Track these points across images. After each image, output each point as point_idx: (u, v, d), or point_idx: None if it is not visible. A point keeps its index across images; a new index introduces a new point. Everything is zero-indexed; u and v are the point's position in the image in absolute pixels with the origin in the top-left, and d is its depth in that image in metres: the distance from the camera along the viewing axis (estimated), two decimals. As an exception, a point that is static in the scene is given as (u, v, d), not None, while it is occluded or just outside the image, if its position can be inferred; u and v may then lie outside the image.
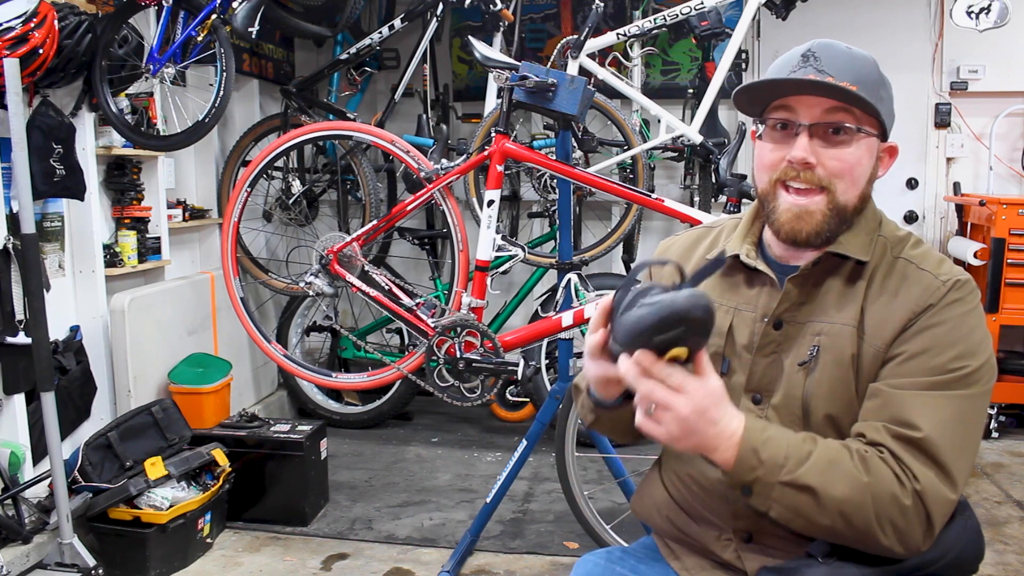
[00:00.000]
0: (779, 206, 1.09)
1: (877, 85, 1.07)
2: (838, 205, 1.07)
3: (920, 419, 0.98)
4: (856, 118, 1.06)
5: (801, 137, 1.06)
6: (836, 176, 1.07)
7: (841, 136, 1.06)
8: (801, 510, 0.97)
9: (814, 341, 1.08)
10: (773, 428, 1.00)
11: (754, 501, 0.99)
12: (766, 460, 0.96)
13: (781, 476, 0.96)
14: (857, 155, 1.07)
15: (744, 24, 3.02)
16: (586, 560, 1.26)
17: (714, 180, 3.53)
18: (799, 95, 1.07)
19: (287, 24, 3.43)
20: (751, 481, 0.97)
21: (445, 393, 2.47)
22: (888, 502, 0.95)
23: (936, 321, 1.03)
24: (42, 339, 2.27)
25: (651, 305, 0.86)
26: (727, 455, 0.97)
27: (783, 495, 0.97)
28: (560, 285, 2.53)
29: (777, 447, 0.97)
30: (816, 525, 0.98)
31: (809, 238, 1.08)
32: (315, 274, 2.64)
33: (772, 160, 1.10)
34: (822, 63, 1.05)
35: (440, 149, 2.68)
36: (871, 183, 1.12)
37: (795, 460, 0.97)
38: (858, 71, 1.06)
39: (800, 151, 1.06)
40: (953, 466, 0.97)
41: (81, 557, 2.27)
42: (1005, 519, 2.74)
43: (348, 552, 2.60)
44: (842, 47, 1.08)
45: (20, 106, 2.19)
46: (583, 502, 2.46)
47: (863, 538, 0.97)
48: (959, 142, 3.92)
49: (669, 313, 0.85)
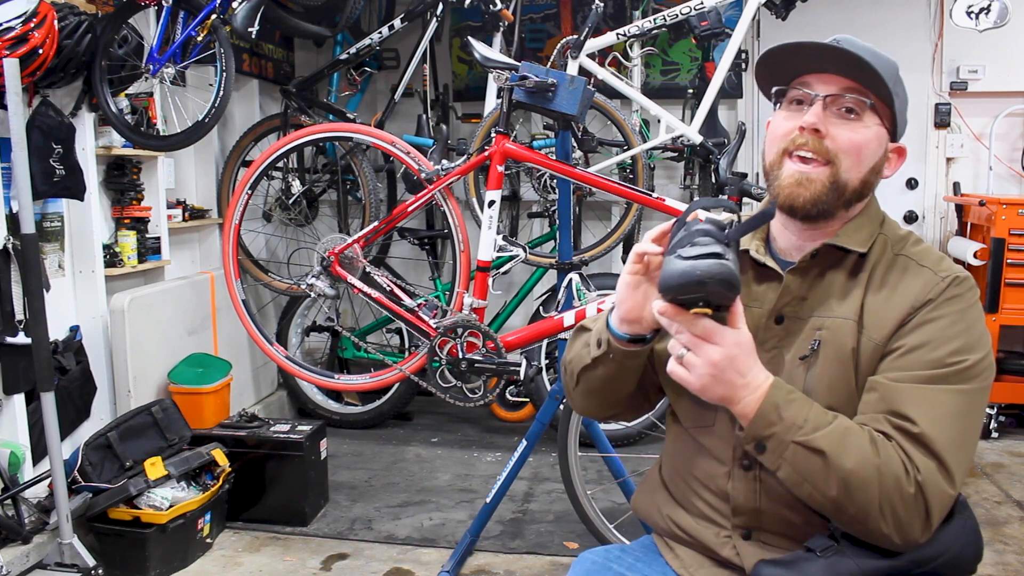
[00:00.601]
0: (783, 173, 1.11)
1: (895, 79, 1.10)
2: (839, 180, 1.09)
3: (917, 413, 0.99)
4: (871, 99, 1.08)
5: (816, 106, 1.09)
6: (843, 151, 1.08)
7: (853, 114, 1.09)
8: (809, 473, 0.98)
9: (815, 335, 1.09)
10: (800, 394, 1.02)
11: (766, 457, 1.01)
12: (786, 418, 0.99)
13: (796, 436, 0.98)
14: (867, 136, 1.09)
15: (744, 24, 3.02)
16: (584, 558, 1.27)
17: (714, 180, 3.53)
18: (820, 72, 1.09)
19: (287, 24, 3.43)
20: (767, 436, 0.99)
21: (447, 394, 2.47)
22: (893, 486, 0.96)
23: (935, 316, 1.04)
24: (42, 339, 2.27)
25: (681, 262, 0.92)
26: (749, 407, 0.99)
27: (795, 455, 0.99)
28: (561, 285, 2.53)
29: (799, 409, 1.00)
30: (820, 493, 0.99)
31: (806, 205, 1.09)
32: (317, 276, 2.64)
33: (785, 129, 1.11)
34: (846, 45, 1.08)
35: (440, 149, 2.68)
36: (876, 175, 1.13)
37: (813, 425, 0.99)
38: (879, 62, 1.08)
39: (812, 116, 1.08)
40: (951, 460, 0.98)
41: (81, 557, 2.27)
42: (1005, 519, 2.74)
43: (348, 552, 2.60)
44: (866, 44, 1.11)
45: (20, 106, 2.19)
46: (586, 502, 2.46)
47: (863, 520, 0.97)
48: (959, 142, 3.92)
49: (687, 280, 0.91)
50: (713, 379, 0.96)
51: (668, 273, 0.92)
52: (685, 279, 0.91)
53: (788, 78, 1.13)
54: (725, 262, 0.90)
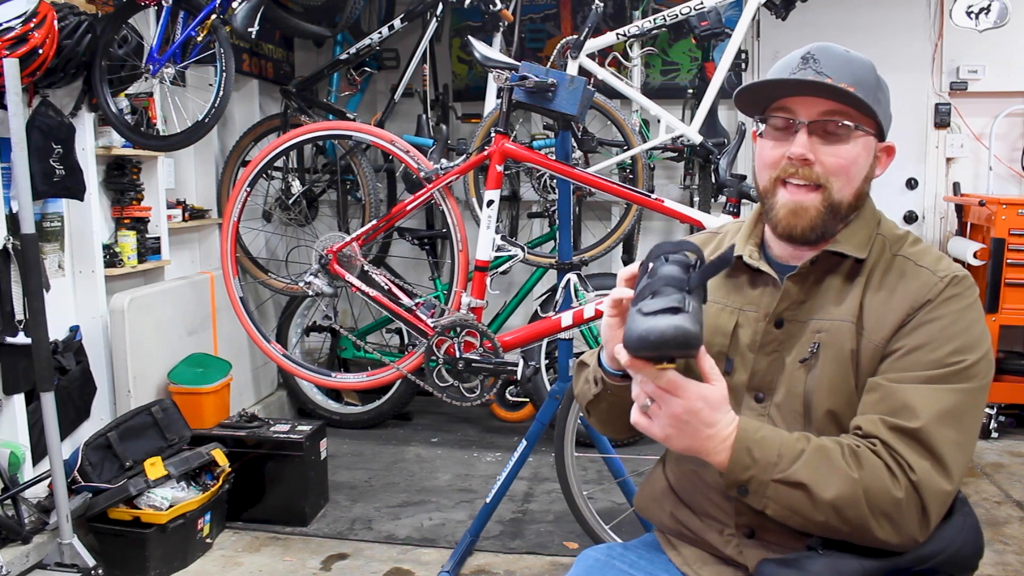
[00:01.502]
0: (777, 202, 1.12)
1: (874, 87, 1.10)
2: (833, 202, 1.10)
3: (917, 411, 0.99)
4: (853, 118, 1.09)
5: (800, 134, 1.09)
6: (832, 174, 1.09)
7: (839, 135, 1.09)
8: (795, 507, 0.99)
9: (814, 338, 1.10)
10: (767, 428, 1.02)
11: (751, 500, 1.01)
12: (759, 459, 0.99)
13: (774, 474, 0.98)
14: (854, 153, 1.10)
15: (744, 24, 3.02)
16: (586, 555, 1.27)
17: (714, 180, 3.53)
18: (799, 96, 1.10)
19: (287, 24, 3.43)
20: (746, 480, 1.00)
21: (444, 393, 2.47)
22: (880, 495, 0.97)
23: (934, 316, 1.04)
24: (42, 339, 2.27)
25: (641, 320, 0.91)
26: (722, 456, 0.99)
27: (777, 493, 0.99)
28: (560, 285, 2.53)
29: (770, 446, 0.99)
30: (812, 521, 0.99)
31: (804, 233, 1.11)
32: (315, 274, 2.64)
33: (773, 158, 1.12)
34: (821, 65, 1.08)
35: (440, 149, 2.68)
36: (868, 181, 1.14)
37: (788, 459, 0.99)
38: (855, 73, 1.08)
39: (799, 147, 1.09)
40: (949, 457, 0.98)
41: (81, 557, 2.27)
42: (1005, 519, 2.74)
43: (348, 552, 2.60)
44: (840, 50, 1.11)
45: (20, 106, 2.19)
46: (582, 502, 2.46)
47: (859, 532, 0.98)
48: (959, 142, 3.92)
49: (643, 344, 0.91)
50: (676, 431, 0.97)
51: (628, 332, 0.92)
52: (641, 343, 0.90)
53: (769, 103, 1.14)
54: (681, 323, 0.89)
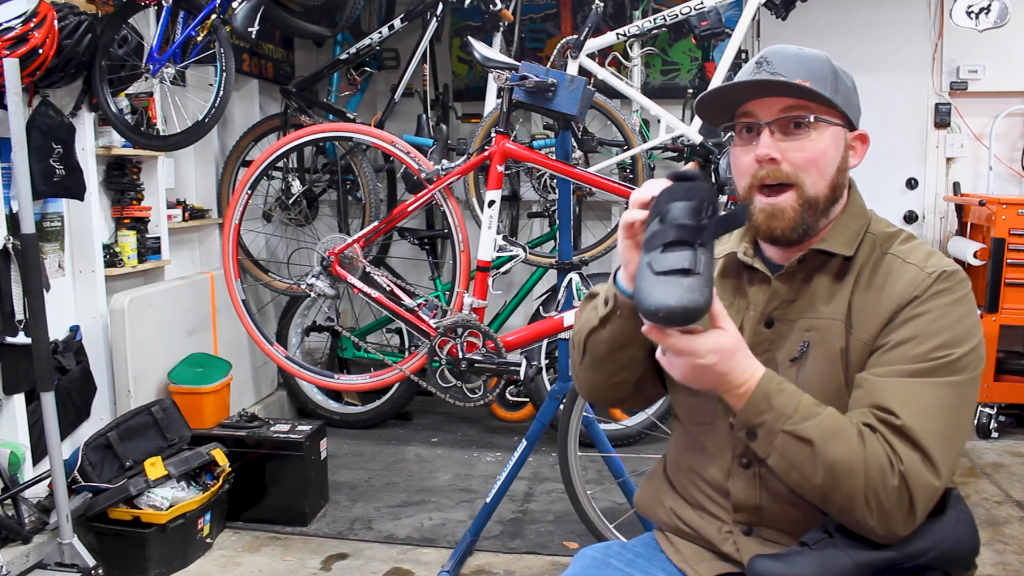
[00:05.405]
0: (755, 208, 1.13)
1: (830, 78, 1.11)
2: (808, 198, 1.10)
3: (900, 406, 1.00)
4: (813, 111, 1.10)
5: (763, 135, 1.10)
6: (802, 169, 1.10)
7: (801, 130, 1.10)
8: (797, 462, 1.00)
9: (804, 337, 1.11)
10: (791, 385, 1.04)
11: (756, 445, 1.03)
12: (776, 407, 1.01)
13: (786, 425, 1.00)
14: (820, 146, 1.10)
15: (744, 24, 3.02)
16: (584, 554, 1.27)
17: (714, 180, 3.53)
18: (757, 99, 1.11)
19: (287, 24, 3.43)
20: (758, 424, 1.02)
21: (447, 394, 2.47)
22: (877, 477, 0.97)
23: (921, 311, 1.05)
24: (42, 339, 2.26)
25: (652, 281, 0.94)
26: (738, 398, 1.03)
27: (784, 443, 1.01)
28: (561, 285, 2.53)
29: (789, 399, 1.02)
30: (808, 482, 1.00)
31: (785, 234, 1.11)
32: (317, 276, 2.65)
33: (744, 164, 1.13)
34: (774, 66, 1.10)
35: (440, 149, 2.69)
36: (843, 172, 1.14)
37: (802, 415, 1.01)
38: (809, 68, 1.10)
39: (763, 147, 1.10)
40: (935, 452, 0.98)
41: (81, 557, 2.27)
42: (1005, 519, 2.74)
43: (348, 552, 2.60)
44: (793, 49, 1.13)
45: (20, 106, 2.19)
46: (586, 501, 2.46)
47: (849, 509, 0.99)
48: (959, 142, 3.92)
49: (654, 315, 0.93)
50: (693, 379, 1.01)
51: (640, 296, 0.95)
52: (651, 315, 0.93)
53: (731, 111, 1.15)
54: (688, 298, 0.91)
